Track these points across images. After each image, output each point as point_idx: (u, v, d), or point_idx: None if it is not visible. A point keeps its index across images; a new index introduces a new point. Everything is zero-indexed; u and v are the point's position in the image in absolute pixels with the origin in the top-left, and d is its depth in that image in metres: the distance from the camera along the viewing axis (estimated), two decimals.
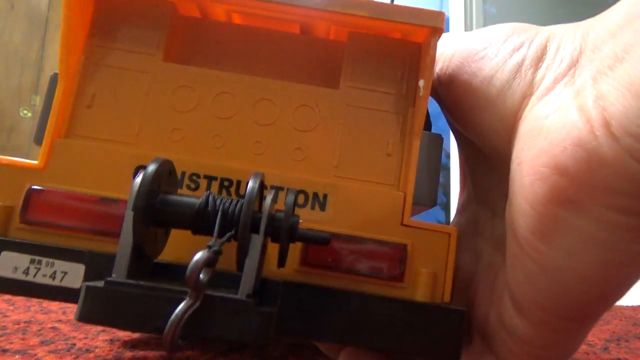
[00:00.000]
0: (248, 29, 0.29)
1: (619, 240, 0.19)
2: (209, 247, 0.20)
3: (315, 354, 0.35)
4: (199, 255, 0.19)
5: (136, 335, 0.38)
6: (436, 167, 0.27)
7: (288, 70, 0.28)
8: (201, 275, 0.19)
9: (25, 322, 0.39)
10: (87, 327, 0.40)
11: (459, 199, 0.32)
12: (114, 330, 0.39)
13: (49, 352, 0.32)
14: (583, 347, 0.39)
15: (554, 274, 0.20)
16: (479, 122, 0.25)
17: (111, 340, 0.36)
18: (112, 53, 0.27)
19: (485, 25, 1.48)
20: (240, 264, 0.20)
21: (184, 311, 0.18)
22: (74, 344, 0.34)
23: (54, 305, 0.46)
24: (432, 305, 0.23)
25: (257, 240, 0.20)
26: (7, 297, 0.48)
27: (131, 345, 0.35)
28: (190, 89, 0.27)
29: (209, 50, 0.29)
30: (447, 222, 1.26)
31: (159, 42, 0.27)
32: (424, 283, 0.24)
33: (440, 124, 0.31)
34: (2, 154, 0.26)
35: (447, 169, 1.50)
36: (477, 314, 0.26)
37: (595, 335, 0.44)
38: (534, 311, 0.22)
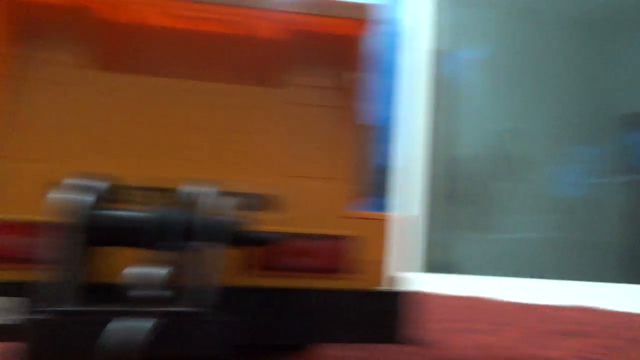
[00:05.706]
0: (178, 31, 0.27)
1: None
2: (157, 262, 0.19)
3: (312, 353, 0.35)
4: (150, 273, 0.18)
5: None
6: (370, 156, 0.28)
7: (223, 71, 0.27)
8: (154, 293, 0.18)
9: None
10: None
11: None
12: None
13: None
14: (579, 354, 0.39)
15: None
16: None
17: None
18: (31, 64, 0.25)
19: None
20: (193, 276, 0.20)
21: (145, 332, 0.17)
22: None
23: None
24: (375, 292, 0.24)
25: (207, 249, 0.20)
26: None
27: None
28: (118, 97, 0.25)
29: (136, 55, 0.27)
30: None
31: (81, 50, 0.25)
32: (366, 271, 0.25)
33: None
34: None
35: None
36: None
37: (591, 342, 0.44)
38: None
